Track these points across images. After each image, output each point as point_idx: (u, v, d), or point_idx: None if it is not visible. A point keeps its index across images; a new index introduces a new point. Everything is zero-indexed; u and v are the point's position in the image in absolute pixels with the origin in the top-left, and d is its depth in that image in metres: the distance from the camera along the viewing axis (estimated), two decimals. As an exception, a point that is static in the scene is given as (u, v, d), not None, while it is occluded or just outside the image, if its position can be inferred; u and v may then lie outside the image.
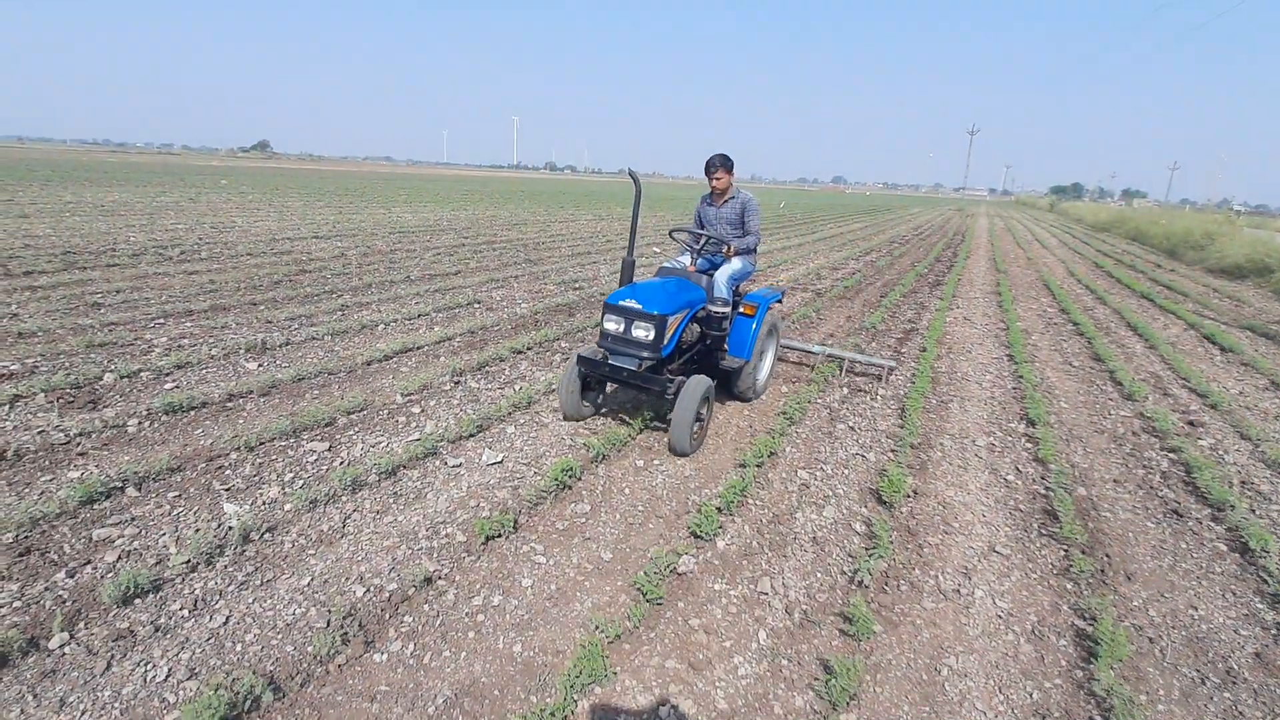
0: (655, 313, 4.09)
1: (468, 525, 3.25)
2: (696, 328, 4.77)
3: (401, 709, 2.18)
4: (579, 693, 2.24)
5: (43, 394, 4.45)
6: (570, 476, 3.72)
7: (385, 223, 16.85)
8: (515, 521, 3.28)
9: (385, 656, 2.39)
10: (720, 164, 4.89)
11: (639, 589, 2.81)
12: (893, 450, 4.52)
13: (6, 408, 4.22)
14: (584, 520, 3.41)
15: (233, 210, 17.70)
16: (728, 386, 5.11)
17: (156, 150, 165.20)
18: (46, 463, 3.59)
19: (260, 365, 5.40)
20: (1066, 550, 3.39)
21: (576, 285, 9.84)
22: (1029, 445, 4.75)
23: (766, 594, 2.90)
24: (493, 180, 66.69)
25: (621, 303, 4.18)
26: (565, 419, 4.60)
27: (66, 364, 5.08)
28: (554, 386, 5.24)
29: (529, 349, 6.34)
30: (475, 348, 6.29)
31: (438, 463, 3.91)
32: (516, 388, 5.27)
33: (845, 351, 6.18)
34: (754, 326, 4.93)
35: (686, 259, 5.06)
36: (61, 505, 3.12)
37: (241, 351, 5.66)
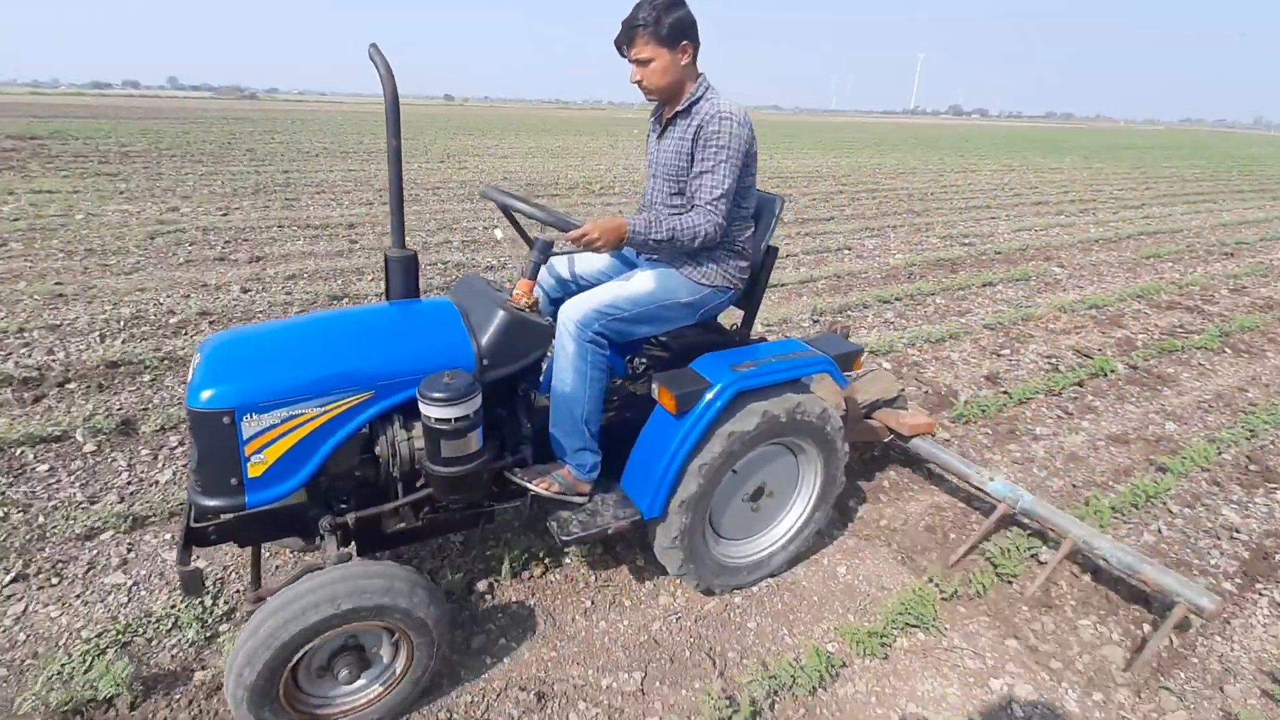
0: (198, 406, 1.64)
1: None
2: (408, 440, 1.90)
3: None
4: (899, 630, 2.16)
5: (507, 284, 5.99)
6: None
7: (764, 169, 17.46)
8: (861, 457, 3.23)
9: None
10: (644, 20, 1.93)
11: (990, 561, 2.53)
12: None
13: (488, 289, 5.82)
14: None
15: (640, 157, 20.48)
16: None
17: (590, 106, 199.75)
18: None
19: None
20: None
21: (966, 240, 8.82)
22: None
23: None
24: (883, 126, 62.68)
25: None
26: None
27: (518, 265, 6.70)
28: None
29: (896, 299, 5.98)
30: (839, 291, 6.22)
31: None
32: (875, 335, 5.07)
33: (1086, 530, 2.38)
34: (681, 438, 2.00)
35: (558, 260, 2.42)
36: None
37: (637, 269, 6.68)
